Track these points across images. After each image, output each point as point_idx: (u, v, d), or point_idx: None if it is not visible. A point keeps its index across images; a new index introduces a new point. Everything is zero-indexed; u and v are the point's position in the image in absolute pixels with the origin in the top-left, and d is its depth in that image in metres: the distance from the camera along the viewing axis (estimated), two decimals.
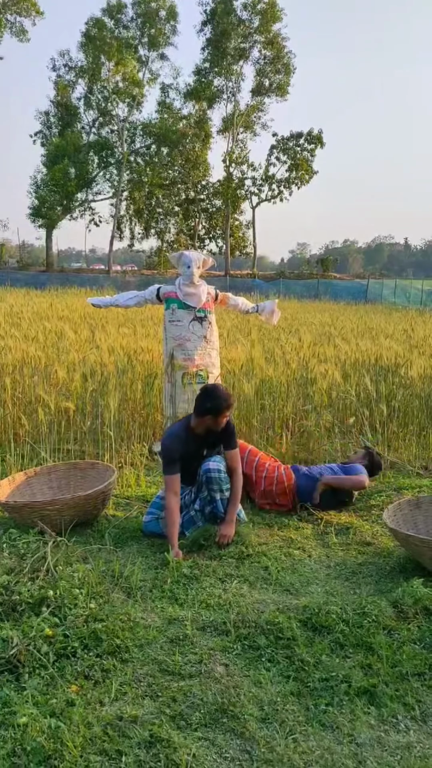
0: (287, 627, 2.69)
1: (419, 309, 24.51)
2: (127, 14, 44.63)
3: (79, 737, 2.04)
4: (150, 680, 2.39)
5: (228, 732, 2.14)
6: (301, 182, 46.34)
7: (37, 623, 2.55)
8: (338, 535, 3.93)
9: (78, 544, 3.55)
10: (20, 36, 41.46)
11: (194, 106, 46.18)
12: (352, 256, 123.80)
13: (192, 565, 3.32)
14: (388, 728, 2.21)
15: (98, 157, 46.11)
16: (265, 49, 44.74)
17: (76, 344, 7.37)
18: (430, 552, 3.19)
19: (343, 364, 6.74)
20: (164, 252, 48.22)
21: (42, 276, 36.82)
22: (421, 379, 6.24)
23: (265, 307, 5.82)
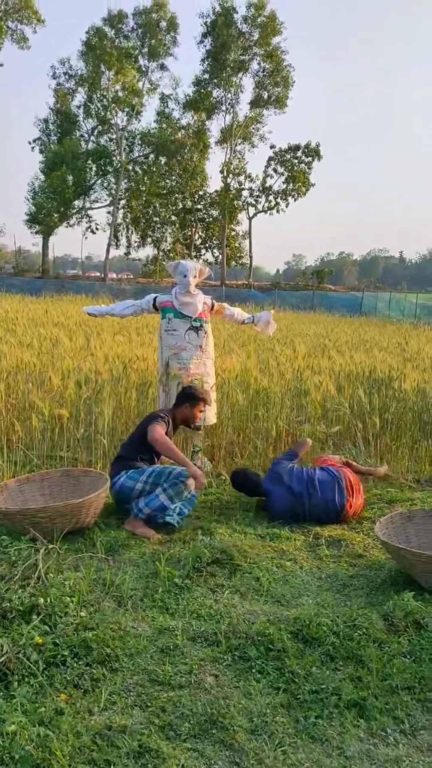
0: (278, 638, 2.69)
1: (413, 322, 24.61)
2: (128, 24, 44.89)
3: (67, 746, 2.03)
4: (139, 690, 2.38)
5: (217, 743, 2.13)
6: (297, 194, 46.59)
7: (27, 631, 2.54)
8: (330, 547, 3.93)
9: (69, 552, 3.54)
10: (21, 43, 41.61)
11: (193, 117, 46.41)
12: (347, 268, 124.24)
13: (183, 575, 3.32)
14: (377, 741, 2.20)
15: (96, 165, 46.20)
16: (265, 61, 45.06)
17: (71, 351, 7.37)
18: (421, 565, 3.20)
19: (337, 376, 6.76)
20: (160, 261, 48.29)
21: (38, 282, 36.76)
22: (415, 392, 6.26)
23: (261, 318, 5.85)
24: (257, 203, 47.63)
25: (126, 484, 4.11)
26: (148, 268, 51.64)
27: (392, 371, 6.81)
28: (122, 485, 4.12)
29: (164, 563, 3.39)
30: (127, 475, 4.14)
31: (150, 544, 3.78)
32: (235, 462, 5.46)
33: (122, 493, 4.14)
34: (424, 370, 7.32)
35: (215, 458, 5.57)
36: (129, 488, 4.10)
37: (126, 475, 4.15)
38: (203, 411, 4.68)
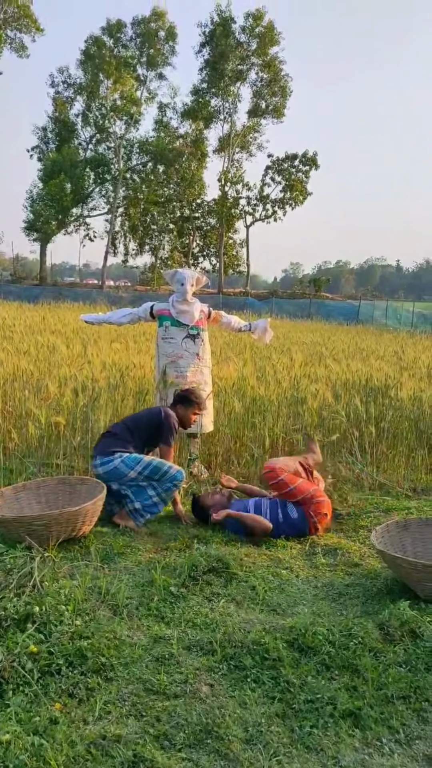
0: (273, 647, 2.68)
1: (410, 331, 24.67)
2: (127, 34, 45.17)
3: (62, 756, 2.02)
4: (134, 699, 2.37)
5: (212, 753, 2.13)
6: (295, 203, 46.82)
7: (21, 639, 2.54)
8: (326, 555, 3.93)
9: (65, 560, 3.53)
10: (20, 52, 41.81)
11: (191, 126, 46.62)
12: (344, 276, 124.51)
13: (179, 583, 3.31)
14: (372, 751, 2.20)
15: (94, 173, 46.36)
16: (263, 71, 45.35)
17: (68, 359, 7.37)
18: (417, 574, 3.20)
19: (333, 385, 6.77)
20: (158, 269, 48.38)
21: (35, 289, 36.78)
22: (411, 400, 6.27)
23: (258, 326, 5.86)
24: (255, 212, 47.85)
25: (120, 468, 4.18)
26: (145, 276, 51.77)
27: (389, 380, 6.82)
28: (116, 468, 4.18)
29: (160, 572, 3.39)
30: (122, 459, 4.19)
31: (146, 552, 3.78)
32: (232, 470, 5.46)
33: (113, 474, 4.20)
34: (421, 379, 7.34)
35: (212, 466, 5.57)
36: (122, 473, 4.18)
37: (122, 458, 4.20)
38: (198, 415, 4.76)
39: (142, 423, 4.44)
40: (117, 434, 4.36)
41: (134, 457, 4.21)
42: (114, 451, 4.23)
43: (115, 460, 4.20)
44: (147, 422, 4.43)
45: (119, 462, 4.19)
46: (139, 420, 4.47)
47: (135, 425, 4.42)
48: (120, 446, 4.27)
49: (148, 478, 4.18)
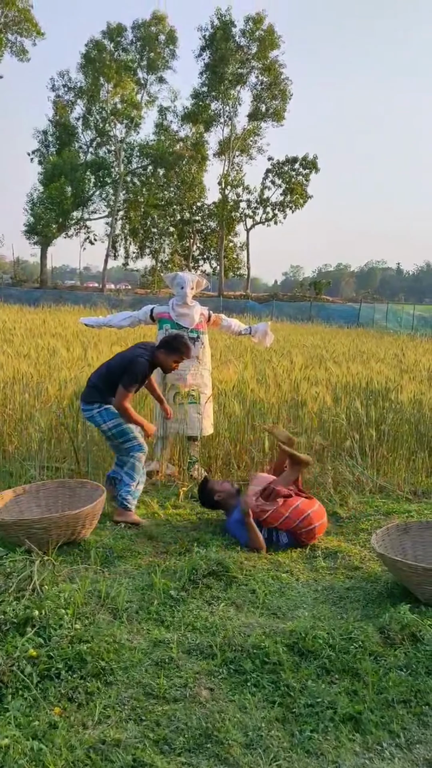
0: (273, 651, 2.67)
1: (410, 334, 24.68)
2: (127, 37, 45.25)
3: (61, 760, 2.01)
4: (134, 703, 2.36)
5: (212, 757, 2.12)
6: (295, 206, 46.88)
7: (21, 643, 2.53)
8: (326, 559, 3.92)
9: (65, 564, 3.53)
10: (20, 56, 41.85)
11: (191, 129, 46.69)
12: (344, 279, 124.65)
13: (179, 587, 3.31)
14: (372, 756, 2.19)
15: (95, 177, 46.41)
16: (262, 75, 45.44)
17: (68, 362, 7.37)
18: (417, 578, 3.19)
19: (334, 388, 6.77)
20: (158, 272, 48.42)
21: (36, 292, 36.80)
22: (411, 403, 6.27)
23: (258, 330, 5.86)
24: (255, 215, 47.93)
25: (96, 418, 4.39)
26: (146, 279, 51.77)
27: (389, 382, 6.82)
28: (93, 417, 4.41)
29: (160, 575, 3.38)
30: (100, 410, 4.38)
31: (145, 556, 3.77)
32: (232, 473, 5.46)
33: (91, 422, 4.48)
34: (421, 382, 7.34)
35: (212, 469, 5.57)
36: (97, 423, 4.41)
37: (100, 410, 4.38)
38: (178, 363, 4.60)
39: (115, 370, 4.42)
40: (100, 388, 4.44)
41: (110, 412, 4.36)
42: (94, 401, 4.39)
43: (93, 409, 4.39)
44: (119, 369, 4.41)
45: (96, 412, 4.38)
46: (112, 367, 4.47)
47: (109, 373, 4.46)
48: (99, 397, 4.39)
49: (114, 437, 4.39)
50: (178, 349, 4.50)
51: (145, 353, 4.47)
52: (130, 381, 4.31)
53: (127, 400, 4.30)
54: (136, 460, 4.40)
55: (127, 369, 4.35)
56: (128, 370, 4.34)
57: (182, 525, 4.38)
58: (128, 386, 4.30)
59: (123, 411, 4.30)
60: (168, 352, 4.49)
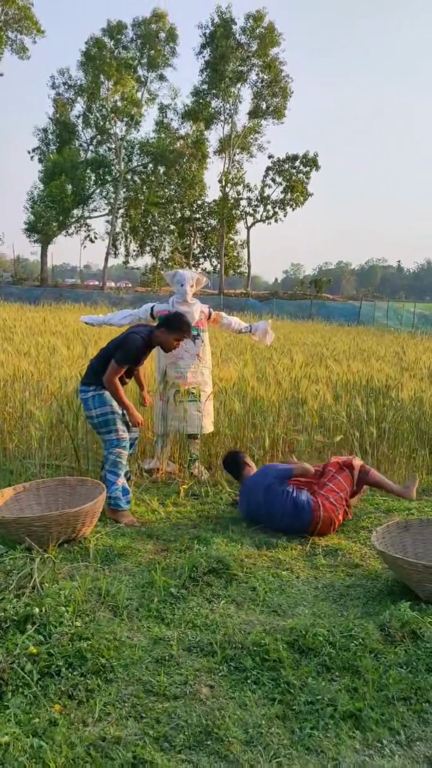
0: (274, 649, 2.67)
1: (411, 332, 24.66)
2: (127, 35, 45.26)
3: (61, 758, 2.01)
4: (134, 701, 2.36)
5: (212, 755, 2.12)
6: (296, 204, 46.88)
7: (21, 641, 2.53)
8: (326, 556, 3.92)
9: (65, 561, 3.53)
10: (20, 53, 41.86)
11: (191, 127, 46.68)
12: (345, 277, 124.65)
13: (179, 584, 3.31)
14: (373, 753, 2.19)
15: (95, 175, 46.45)
16: (263, 72, 45.43)
17: (69, 360, 7.37)
18: (417, 575, 3.19)
19: (334, 385, 6.77)
20: (159, 270, 48.44)
21: (36, 291, 36.82)
22: (412, 401, 6.26)
23: (258, 328, 5.85)
24: (255, 213, 47.96)
25: (88, 402, 4.35)
26: (146, 277, 51.82)
27: (389, 380, 6.82)
28: (86, 400, 4.37)
29: (160, 573, 3.38)
30: (94, 395, 4.34)
31: (146, 554, 3.77)
32: None
33: (83, 405, 4.43)
34: (422, 380, 7.33)
35: (212, 467, 5.56)
36: (88, 407, 4.36)
37: (93, 395, 4.34)
38: (179, 341, 4.60)
39: (111, 349, 4.42)
40: (94, 366, 4.42)
41: (102, 400, 4.32)
42: (90, 384, 4.37)
43: (89, 391, 4.36)
44: (114, 348, 4.40)
45: (90, 396, 4.35)
46: (109, 348, 4.44)
47: (106, 353, 4.43)
48: (95, 380, 4.36)
49: (97, 426, 4.36)
50: (179, 327, 4.49)
51: (141, 332, 4.45)
52: (122, 356, 4.28)
53: (117, 376, 4.27)
54: (116, 456, 4.34)
55: (120, 344, 4.34)
56: (122, 345, 4.33)
57: (182, 523, 4.38)
58: (120, 362, 4.28)
59: (111, 386, 4.27)
60: (169, 330, 4.47)
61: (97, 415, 4.32)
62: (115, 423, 4.33)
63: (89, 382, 4.38)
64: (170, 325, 4.49)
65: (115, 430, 4.33)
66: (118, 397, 4.31)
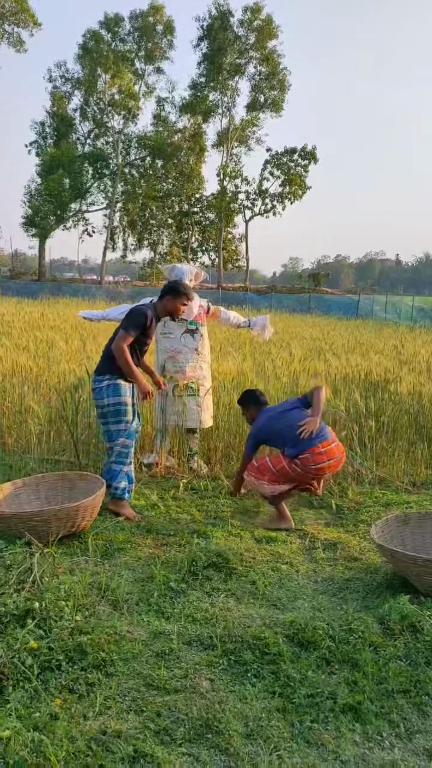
0: (273, 642, 2.68)
1: (410, 325, 24.64)
2: (125, 28, 45.02)
3: (62, 751, 2.02)
4: (135, 694, 2.37)
5: (212, 748, 2.13)
6: (294, 197, 46.73)
7: (21, 635, 2.53)
8: (326, 550, 3.93)
9: (65, 556, 3.53)
10: (17, 46, 41.61)
11: (189, 120, 46.51)
12: (343, 271, 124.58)
13: (179, 578, 3.31)
14: (372, 745, 2.20)
15: (93, 168, 46.27)
16: (261, 65, 45.22)
17: (67, 354, 7.37)
18: (416, 568, 3.20)
19: (333, 379, 6.77)
20: (157, 264, 48.37)
21: (34, 285, 36.78)
22: (411, 395, 6.27)
23: (257, 322, 5.84)
24: (254, 206, 47.81)
25: (102, 392, 4.27)
26: (144, 271, 51.73)
27: (388, 374, 6.82)
28: (100, 390, 4.29)
29: (160, 567, 3.39)
30: (107, 386, 4.27)
31: (145, 548, 3.78)
32: (231, 465, 5.46)
33: (95, 394, 4.34)
34: (420, 373, 7.34)
35: (211, 461, 5.57)
36: (100, 397, 4.29)
37: (108, 384, 4.27)
38: (186, 305, 4.58)
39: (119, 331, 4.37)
40: (107, 354, 4.36)
41: (117, 389, 4.26)
42: (105, 373, 4.31)
43: (103, 381, 4.29)
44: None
45: (105, 385, 4.28)
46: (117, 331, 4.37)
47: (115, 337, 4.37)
48: (109, 369, 4.29)
49: (107, 416, 4.29)
50: (184, 292, 4.48)
51: (145, 305, 4.47)
52: (130, 324, 4.25)
53: (126, 343, 4.22)
54: (121, 446, 4.31)
55: (127, 316, 4.34)
56: (128, 316, 4.32)
57: (182, 517, 4.38)
58: (128, 329, 4.23)
59: (120, 353, 4.20)
60: (175, 296, 4.44)
61: (110, 404, 4.26)
62: (126, 414, 4.30)
63: (104, 371, 4.32)
64: (175, 291, 4.46)
65: (125, 420, 4.30)
66: (128, 367, 4.23)
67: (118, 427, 4.31)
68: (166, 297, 4.47)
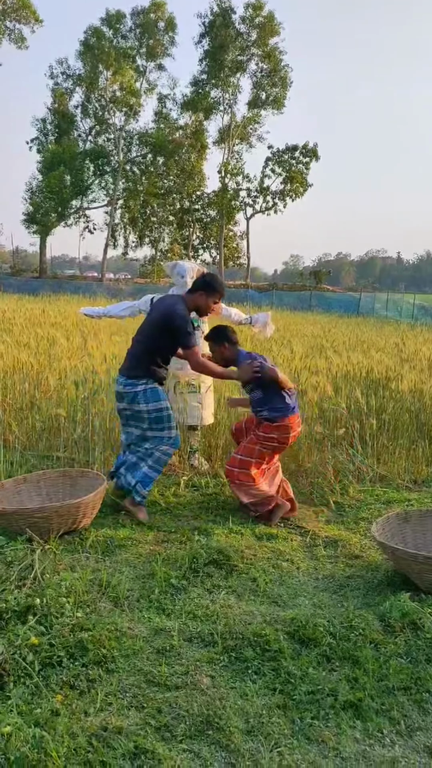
0: (274, 639, 2.69)
1: (411, 323, 24.62)
2: (126, 24, 44.92)
3: (63, 748, 2.02)
4: (135, 691, 2.37)
5: (213, 744, 2.13)
6: (295, 195, 46.67)
7: (22, 632, 2.54)
8: (326, 547, 3.93)
9: (66, 553, 3.53)
10: (19, 43, 41.51)
11: (191, 117, 46.44)
12: (344, 269, 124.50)
13: (180, 575, 3.32)
14: (373, 742, 2.20)
15: (94, 165, 46.20)
16: (262, 62, 45.13)
17: (68, 351, 7.36)
18: (417, 566, 3.20)
19: (334, 377, 6.76)
20: (158, 261, 48.32)
21: (35, 282, 36.75)
22: (412, 392, 6.26)
23: (258, 319, 5.83)
24: (255, 204, 47.74)
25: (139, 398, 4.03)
26: (145, 269, 51.70)
27: (389, 372, 6.81)
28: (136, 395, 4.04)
29: (161, 564, 3.39)
30: (144, 390, 4.04)
31: (146, 545, 3.78)
32: None
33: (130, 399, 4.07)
34: (421, 371, 7.33)
35: (212, 458, 5.57)
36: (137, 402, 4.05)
37: (144, 389, 4.05)
38: (217, 304, 4.35)
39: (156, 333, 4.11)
40: (140, 356, 4.12)
41: (156, 394, 4.06)
42: (140, 377, 4.06)
43: (139, 385, 4.05)
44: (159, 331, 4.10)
45: (141, 390, 4.04)
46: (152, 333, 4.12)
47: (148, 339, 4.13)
48: (144, 372, 4.07)
49: (150, 422, 4.07)
50: (219, 291, 4.23)
51: (176, 303, 4.11)
52: (188, 338, 4.00)
53: (200, 356, 4.06)
54: (162, 453, 4.14)
55: (174, 330, 4.02)
56: (176, 329, 4.00)
57: (183, 514, 4.39)
58: (191, 343, 4.01)
59: (203, 369, 4.07)
60: (209, 293, 4.18)
61: (150, 410, 4.05)
62: (170, 420, 4.11)
63: (137, 375, 4.07)
64: (210, 287, 4.17)
65: (169, 427, 4.10)
66: (218, 375, 4.17)
67: (162, 434, 4.13)
68: (198, 292, 4.17)
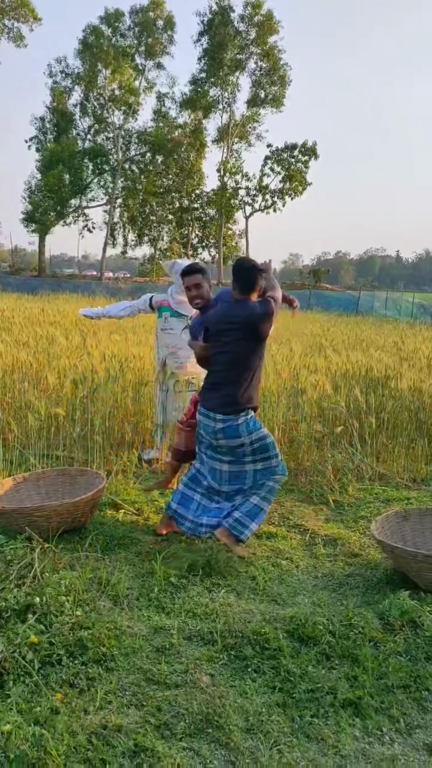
0: (274, 637, 2.69)
1: (410, 321, 24.61)
2: (125, 23, 44.85)
3: (62, 746, 2.02)
4: (135, 689, 2.38)
5: (213, 742, 2.13)
6: (294, 193, 46.64)
7: (22, 630, 2.54)
8: (326, 546, 3.93)
9: (65, 551, 3.53)
10: (17, 42, 41.44)
11: (190, 116, 46.39)
12: (344, 267, 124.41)
13: (179, 574, 3.32)
14: (372, 740, 2.21)
15: (93, 164, 46.14)
16: (261, 60, 45.10)
17: (67, 350, 7.35)
18: (416, 564, 3.20)
19: (333, 375, 6.76)
20: (157, 260, 48.28)
21: (34, 281, 36.71)
22: (411, 391, 6.26)
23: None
24: (254, 202, 47.69)
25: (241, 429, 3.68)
26: (144, 267, 51.64)
27: (389, 370, 6.81)
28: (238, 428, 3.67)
29: (160, 562, 3.39)
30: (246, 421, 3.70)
31: (146, 543, 3.78)
32: None
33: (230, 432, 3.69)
34: (421, 369, 7.32)
35: None
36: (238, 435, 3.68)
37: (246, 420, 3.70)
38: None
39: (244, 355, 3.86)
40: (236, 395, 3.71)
41: (256, 422, 3.74)
42: (239, 411, 3.69)
43: (240, 418, 3.68)
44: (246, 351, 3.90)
45: (242, 422, 3.67)
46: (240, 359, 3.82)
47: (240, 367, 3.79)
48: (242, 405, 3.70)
49: (254, 453, 3.71)
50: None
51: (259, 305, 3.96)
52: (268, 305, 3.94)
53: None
54: (275, 483, 3.76)
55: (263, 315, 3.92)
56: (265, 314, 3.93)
57: None
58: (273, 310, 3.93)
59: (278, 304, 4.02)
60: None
61: (254, 440, 3.69)
62: (275, 447, 3.76)
63: (236, 410, 3.69)
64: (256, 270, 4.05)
65: (276, 455, 3.74)
66: None
67: (270, 462, 3.74)
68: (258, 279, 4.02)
